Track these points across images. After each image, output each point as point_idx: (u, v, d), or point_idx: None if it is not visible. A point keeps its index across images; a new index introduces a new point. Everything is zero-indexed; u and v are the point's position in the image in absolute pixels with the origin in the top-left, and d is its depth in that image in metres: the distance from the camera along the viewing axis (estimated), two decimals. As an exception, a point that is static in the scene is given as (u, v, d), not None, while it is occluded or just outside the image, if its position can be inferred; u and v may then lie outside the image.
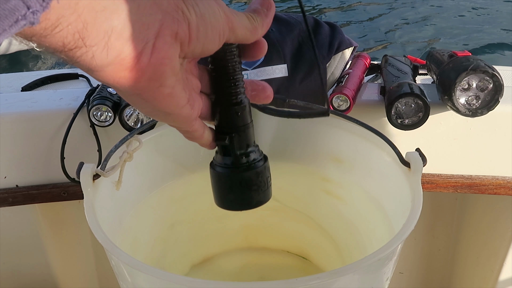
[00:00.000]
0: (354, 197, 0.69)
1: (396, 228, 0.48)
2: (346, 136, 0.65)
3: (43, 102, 0.92)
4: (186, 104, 0.36)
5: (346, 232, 0.72)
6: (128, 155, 0.57)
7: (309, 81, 0.83)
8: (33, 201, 0.94)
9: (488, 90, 0.79)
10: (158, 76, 0.32)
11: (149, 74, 0.32)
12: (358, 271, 0.45)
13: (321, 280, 0.41)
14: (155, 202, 0.69)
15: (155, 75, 0.32)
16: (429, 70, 0.94)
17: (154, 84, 0.32)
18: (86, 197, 0.52)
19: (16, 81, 1.11)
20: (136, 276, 0.48)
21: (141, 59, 0.31)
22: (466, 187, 0.92)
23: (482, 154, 0.91)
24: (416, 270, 1.21)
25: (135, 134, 0.60)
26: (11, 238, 1.02)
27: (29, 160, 0.91)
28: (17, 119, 0.89)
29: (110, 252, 0.45)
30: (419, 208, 0.49)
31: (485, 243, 1.07)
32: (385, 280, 0.52)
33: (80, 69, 0.31)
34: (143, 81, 0.32)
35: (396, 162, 0.57)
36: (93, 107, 0.84)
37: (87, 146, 0.89)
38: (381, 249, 0.44)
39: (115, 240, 0.56)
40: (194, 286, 0.43)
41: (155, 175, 0.68)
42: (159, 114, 0.36)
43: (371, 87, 0.92)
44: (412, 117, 0.81)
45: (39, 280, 1.08)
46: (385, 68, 0.93)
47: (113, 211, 0.60)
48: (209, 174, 0.46)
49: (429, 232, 1.15)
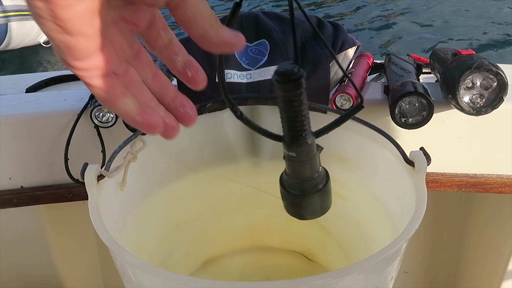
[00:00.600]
0: (358, 196, 0.69)
1: (401, 227, 0.48)
2: (350, 136, 0.65)
3: (47, 103, 0.92)
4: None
5: (350, 231, 0.72)
6: (132, 155, 0.57)
7: (312, 80, 0.83)
8: (37, 202, 0.94)
9: (492, 89, 0.79)
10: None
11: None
12: (363, 270, 0.44)
13: (326, 279, 0.41)
14: (159, 202, 0.69)
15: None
16: (433, 69, 0.93)
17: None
18: (90, 198, 0.52)
19: (20, 83, 1.11)
20: (140, 277, 0.48)
21: None
22: (470, 186, 0.91)
23: (487, 153, 0.90)
24: (421, 269, 1.21)
25: (139, 134, 0.60)
26: (16, 239, 1.03)
27: (34, 161, 0.92)
28: (22, 121, 0.89)
29: (115, 252, 0.45)
30: (423, 207, 0.49)
31: (490, 242, 1.07)
32: (390, 279, 0.52)
33: None
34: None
35: (400, 161, 0.57)
36: (95, 108, 0.84)
37: (91, 147, 0.89)
38: (386, 248, 0.44)
39: (119, 240, 0.56)
40: (199, 286, 0.43)
41: (159, 176, 0.69)
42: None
43: (375, 86, 0.92)
44: (416, 116, 0.81)
45: (44, 281, 1.08)
46: (389, 67, 0.93)
47: (118, 211, 0.60)
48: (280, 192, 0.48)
49: (434, 231, 1.15)
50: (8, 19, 3.42)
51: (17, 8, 3.48)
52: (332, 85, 0.87)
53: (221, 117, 0.69)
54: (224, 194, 0.76)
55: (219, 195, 0.76)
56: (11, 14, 3.43)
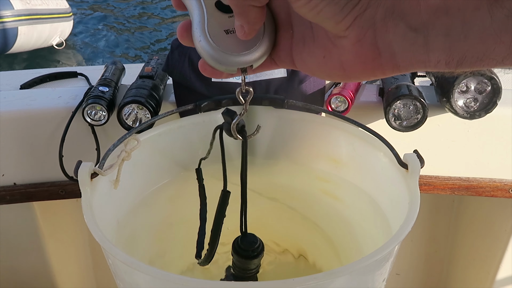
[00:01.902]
0: (352, 197, 0.69)
1: (393, 229, 0.48)
2: (344, 137, 0.65)
3: (42, 100, 0.92)
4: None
5: (343, 232, 0.72)
6: (126, 154, 0.57)
7: (308, 82, 0.83)
8: (30, 199, 0.94)
9: (486, 93, 0.80)
10: None
11: None
12: (355, 272, 0.45)
13: (318, 280, 0.41)
14: (153, 201, 0.69)
15: None
16: (428, 72, 0.94)
17: None
18: (84, 196, 0.52)
19: (14, 79, 1.11)
20: (133, 275, 0.48)
21: None
22: (463, 189, 0.92)
23: (480, 157, 0.91)
24: (413, 272, 1.22)
25: (133, 133, 0.60)
26: (9, 236, 1.02)
27: (27, 158, 0.91)
28: (16, 117, 0.89)
29: (107, 251, 0.45)
30: (416, 210, 0.50)
31: (482, 245, 1.07)
32: (382, 281, 0.52)
33: None
34: None
35: (394, 164, 0.57)
36: (87, 106, 0.84)
37: (85, 145, 0.89)
38: (378, 250, 0.44)
39: (112, 239, 0.56)
40: (192, 285, 0.43)
41: (153, 174, 0.69)
42: None
43: (370, 88, 0.92)
44: (410, 118, 0.81)
45: (36, 278, 1.08)
46: (384, 69, 0.93)
47: (111, 209, 0.60)
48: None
49: (426, 234, 1.15)
50: (19, 23, 3.47)
51: (28, 12, 3.55)
52: (328, 87, 0.87)
53: (215, 117, 0.69)
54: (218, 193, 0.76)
55: (213, 195, 0.76)
56: (22, 18, 3.49)
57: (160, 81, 0.93)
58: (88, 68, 2.01)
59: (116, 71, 0.99)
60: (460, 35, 0.27)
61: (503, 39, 0.26)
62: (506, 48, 0.26)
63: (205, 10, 0.33)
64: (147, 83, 0.89)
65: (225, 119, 0.49)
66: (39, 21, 3.64)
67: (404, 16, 0.28)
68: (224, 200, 0.53)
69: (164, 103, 0.90)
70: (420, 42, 0.28)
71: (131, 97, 0.84)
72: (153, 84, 0.89)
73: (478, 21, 0.26)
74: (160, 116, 0.67)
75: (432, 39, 0.27)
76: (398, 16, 0.28)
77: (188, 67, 0.86)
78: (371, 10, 0.28)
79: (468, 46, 0.27)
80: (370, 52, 0.30)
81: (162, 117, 0.67)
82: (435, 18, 0.27)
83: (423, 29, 0.27)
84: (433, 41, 0.28)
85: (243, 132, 0.48)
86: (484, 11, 0.25)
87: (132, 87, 0.89)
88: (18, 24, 3.48)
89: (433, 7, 0.27)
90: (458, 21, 0.26)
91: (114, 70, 0.99)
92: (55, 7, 3.82)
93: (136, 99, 0.84)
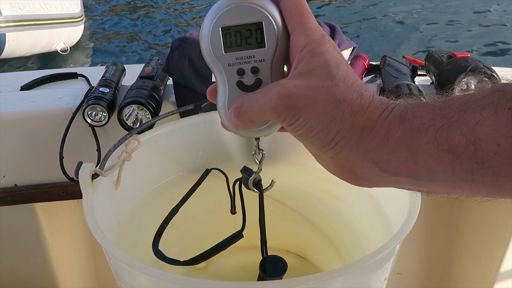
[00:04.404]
0: (353, 197, 0.69)
1: (395, 228, 0.48)
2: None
3: (42, 101, 0.92)
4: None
5: (344, 231, 0.72)
6: (127, 154, 0.57)
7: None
8: (31, 201, 0.94)
9: (487, 91, 0.80)
10: None
11: None
12: (356, 271, 0.45)
13: (319, 280, 0.41)
14: (153, 201, 0.69)
15: None
16: (428, 71, 0.94)
17: None
18: (85, 197, 0.52)
19: (15, 80, 1.11)
20: (134, 276, 0.48)
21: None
22: (464, 188, 0.92)
23: (481, 155, 0.91)
24: (414, 271, 1.21)
25: (134, 133, 0.60)
26: (10, 238, 1.02)
27: (28, 159, 0.91)
28: (16, 118, 0.89)
29: (109, 251, 0.45)
30: (417, 209, 0.50)
31: (483, 243, 1.07)
32: (383, 280, 0.52)
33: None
34: None
35: (395, 163, 0.57)
36: (88, 107, 0.84)
37: (86, 146, 0.89)
38: (379, 249, 0.44)
39: (113, 240, 0.56)
40: (193, 285, 0.43)
41: (153, 175, 0.69)
42: None
43: (370, 87, 0.92)
44: (411, 117, 0.81)
45: (38, 279, 1.08)
46: (384, 68, 0.93)
47: (112, 210, 0.60)
48: None
49: (427, 233, 1.15)
50: (6, 29, 3.39)
51: (18, 18, 3.45)
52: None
53: (216, 117, 0.69)
54: (218, 193, 0.76)
55: (214, 194, 0.76)
56: (11, 25, 3.40)
57: (160, 81, 0.93)
58: (89, 69, 2.01)
59: (116, 72, 0.99)
60: (426, 180, 0.32)
61: (463, 187, 0.30)
62: (467, 192, 0.31)
63: (227, 87, 0.39)
64: (147, 83, 0.89)
65: (243, 175, 0.57)
66: (35, 27, 3.53)
67: (376, 161, 0.32)
68: (234, 239, 0.63)
69: (165, 104, 0.90)
70: (392, 179, 0.33)
71: (132, 98, 0.84)
72: (153, 85, 0.89)
73: (441, 171, 0.30)
74: (161, 116, 0.67)
75: (402, 180, 0.33)
76: (371, 161, 0.33)
77: (188, 68, 0.86)
78: (345, 153, 0.33)
79: (434, 187, 0.32)
80: (349, 174, 0.35)
81: (162, 117, 0.67)
82: (404, 167, 0.32)
83: (393, 172, 0.32)
84: (403, 181, 0.33)
85: (259, 186, 0.54)
86: (446, 165, 0.30)
87: (132, 87, 0.89)
88: (5, 30, 3.37)
89: (401, 158, 0.31)
90: (424, 170, 0.31)
91: (114, 71, 0.99)
92: (59, 12, 3.68)
93: (137, 99, 0.84)
